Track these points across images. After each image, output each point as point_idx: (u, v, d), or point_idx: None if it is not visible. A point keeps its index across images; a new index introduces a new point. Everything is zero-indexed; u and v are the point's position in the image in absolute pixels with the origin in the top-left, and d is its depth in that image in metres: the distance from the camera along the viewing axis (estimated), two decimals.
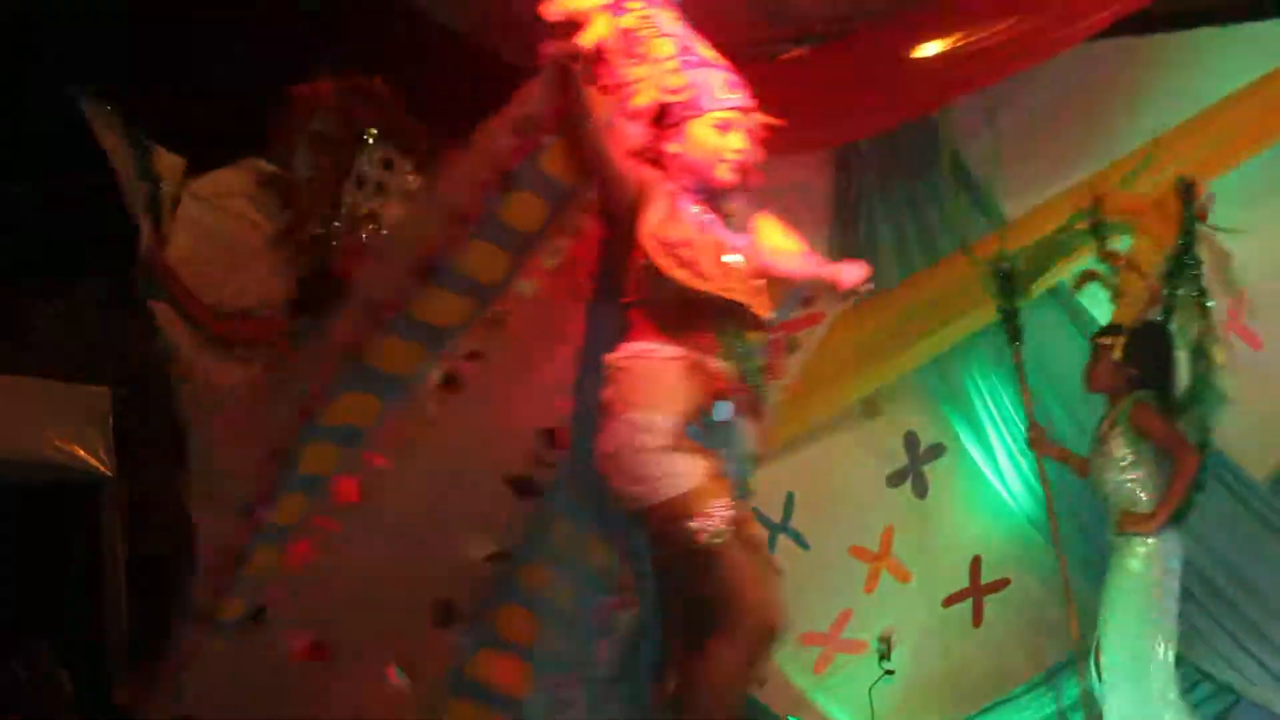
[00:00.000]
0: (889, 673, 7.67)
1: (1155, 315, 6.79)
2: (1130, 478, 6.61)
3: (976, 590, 7.79)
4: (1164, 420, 6.64)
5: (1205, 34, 7.55)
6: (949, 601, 7.81)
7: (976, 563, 7.79)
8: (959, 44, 7.23)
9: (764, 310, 4.61)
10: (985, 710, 7.51)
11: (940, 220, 7.84)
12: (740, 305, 4.53)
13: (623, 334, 4.57)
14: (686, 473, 4.37)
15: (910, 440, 7.91)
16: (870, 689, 7.66)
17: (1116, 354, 6.70)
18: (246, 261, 6.13)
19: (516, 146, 4.62)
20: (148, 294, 5.91)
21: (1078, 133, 7.58)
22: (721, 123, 4.59)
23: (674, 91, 4.59)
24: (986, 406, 7.69)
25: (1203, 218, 6.67)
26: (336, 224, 5.93)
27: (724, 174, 4.61)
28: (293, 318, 6.00)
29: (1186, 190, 6.74)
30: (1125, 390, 6.70)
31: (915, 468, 7.89)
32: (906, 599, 7.85)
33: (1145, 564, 6.53)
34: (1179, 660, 6.85)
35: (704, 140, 4.58)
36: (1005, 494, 7.67)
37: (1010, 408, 7.59)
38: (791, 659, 7.77)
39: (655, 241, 4.44)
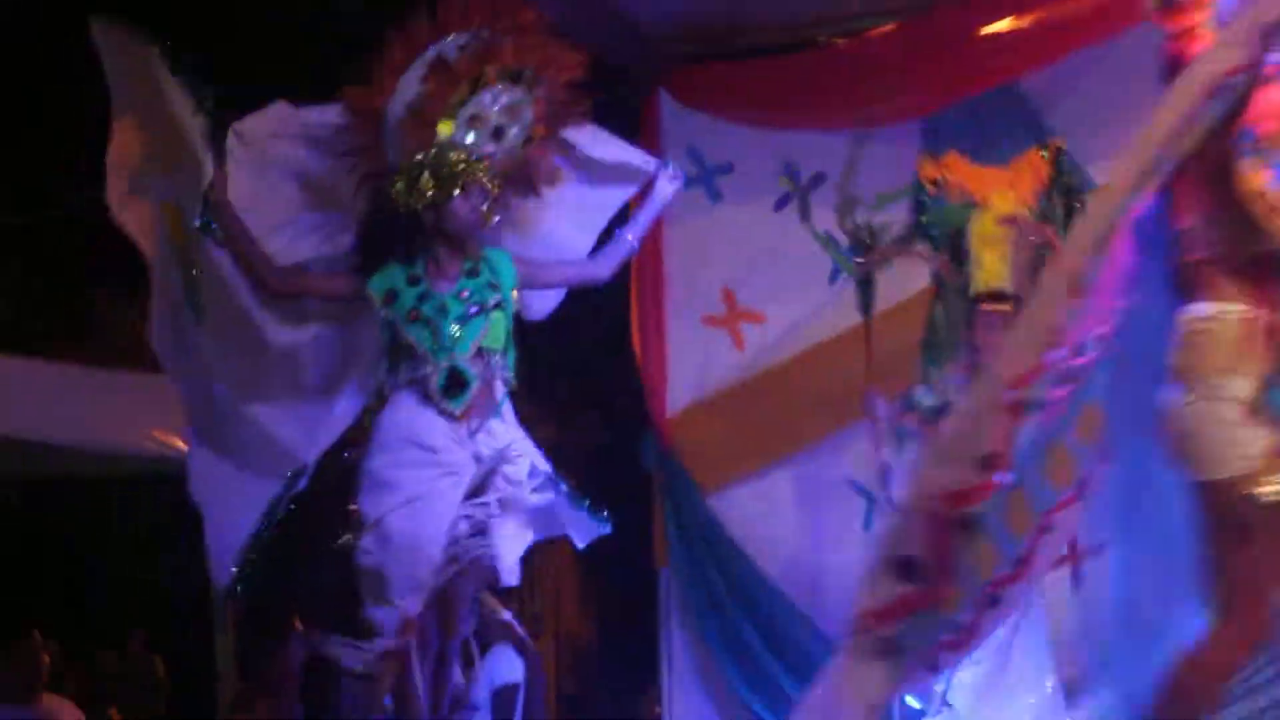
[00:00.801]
0: None
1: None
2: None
3: (1074, 557, 7.82)
4: None
5: None
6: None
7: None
8: (1044, 14, 7.30)
9: None
10: None
11: None
12: None
13: (1184, 294, 4.32)
14: (1257, 448, 4.13)
15: None
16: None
17: (1003, 324, 6.69)
18: (295, 211, 5.83)
19: None
20: (209, 234, 5.52)
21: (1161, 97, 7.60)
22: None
23: None
24: None
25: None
26: (453, 161, 5.52)
27: None
28: (360, 269, 5.73)
29: (1056, 154, 6.80)
30: None
31: None
32: None
33: None
34: None
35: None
36: None
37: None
38: None
39: (1263, 198, 4.15)
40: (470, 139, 5.57)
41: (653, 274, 8.17)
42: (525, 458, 5.66)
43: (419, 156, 5.50)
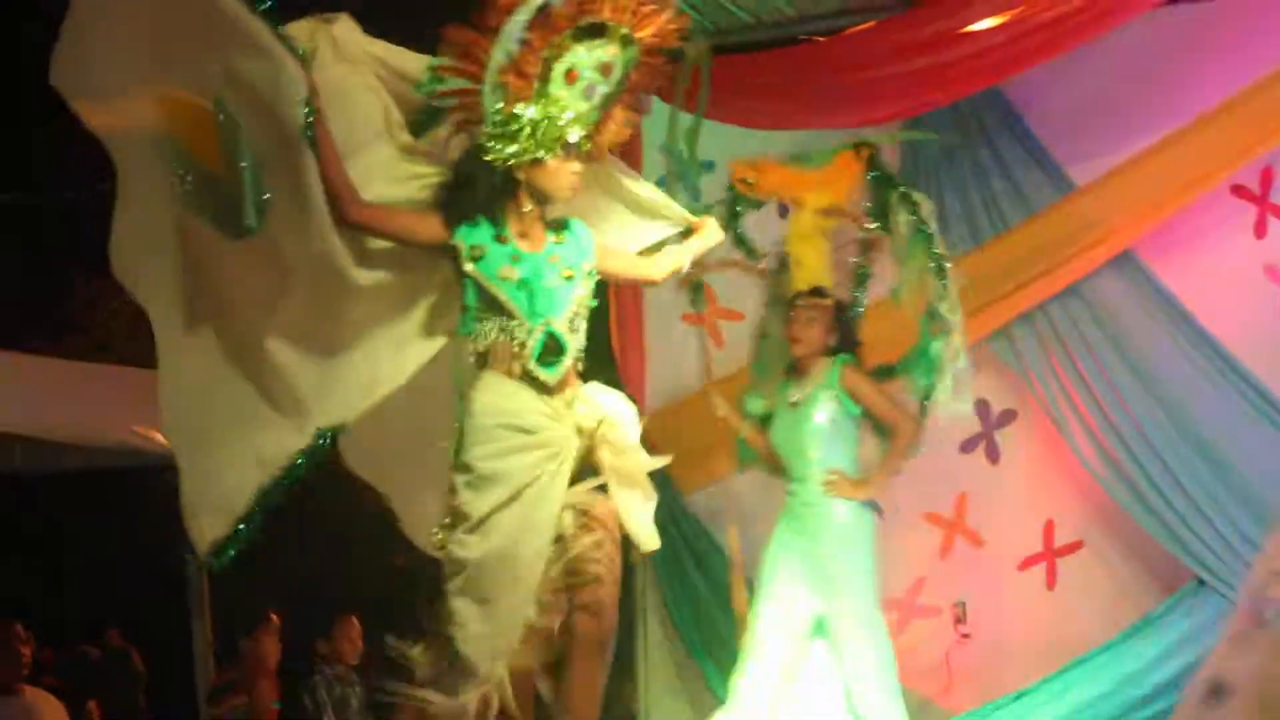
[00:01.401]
0: (965, 636, 7.80)
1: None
2: (838, 444, 6.64)
3: (1050, 554, 7.87)
4: (875, 384, 6.68)
5: None
6: (1023, 565, 7.89)
7: (1050, 526, 7.87)
8: (1027, 15, 7.32)
9: None
10: (1061, 672, 7.55)
11: (1008, 190, 7.90)
12: None
13: None
14: None
15: (982, 407, 7.97)
16: (947, 653, 7.82)
17: (821, 316, 6.70)
18: (370, 142, 5.22)
19: None
20: (310, 143, 4.90)
21: (1145, 99, 7.64)
22: None
23: None
24: (1056, 372, 7.75)
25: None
26: (554, 118, 5.11)
27: None
28: (451, 217, 5.16)
29: (866, 150, 6.80)
30: (823, 354, 6.71)
31: (988, 433, 7.96)
32: (981, 564, 7.95)
33: (855, 528, 6.60)
34: None
35: None
36: (1077, 457, 7.73)
37: (1080, 372, 7.69)
38: None
39: None
40: (565, 94, 5.16)
41: None
42: (629, 420, 5.26)
43: (518, 110, 5.11)
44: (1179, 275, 7.63)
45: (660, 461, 5.31)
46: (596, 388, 5.26)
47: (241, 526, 5.19)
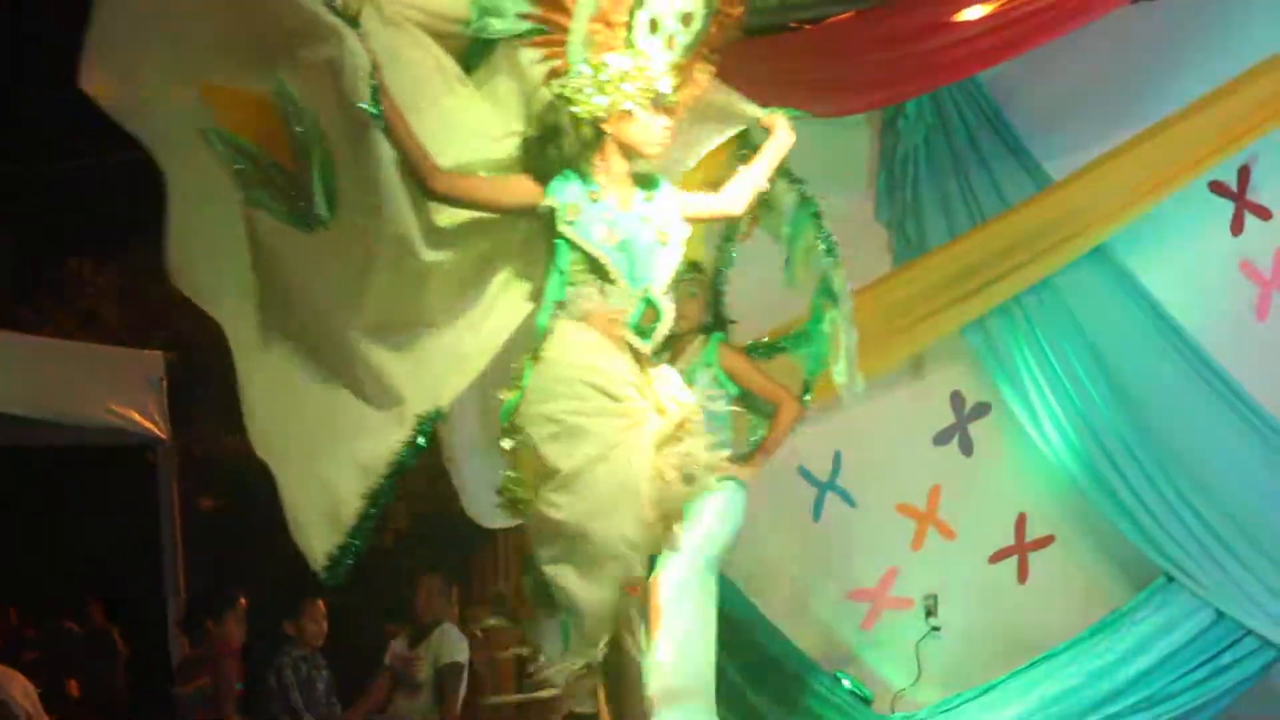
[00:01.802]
0: (935, 629, 7.80)
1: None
2: (714, 424, 6.38)
3: (1022, 547, 7.87)
4: (753, 362, 6.47)
5: None
6: (995, 558, 7.89)
7: (1022, 520, 7.87)
8: (1008, 5, 7.29)
9: None
10: (1031, 665, 7.56)
11: (985, 182, 7.85)
12: None
13: None
14: None
15: (956, 399, 7.97)
16: (917, 645, 7.83)
17: (701, 292, 6.42)
18: (431, 104, 4.95)
19: None
20: (379, 125, 4.64)
21: (1122, 93, 7.62)
22: None
23: None
24: (1030, 366, 7.73)
25: None
26: (642, 68, 4.87)
27: None
28: (541, 176, 4.94)
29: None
30: (699, 331, 6.45)
31: (961, 426, 7.95)
32: (953, 556, 7.94)
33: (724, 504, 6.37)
34: (1221, 616, 7.04)
35: None
36: (1049, 452, 7.71)
37: (1055, 367, 7.67)
38: (840, 615, 7.94)
39: None
40: (650, 44, 4.91)
41: None
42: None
43: (607, 59, 4.89)
44: (1155, 271, 7.62)
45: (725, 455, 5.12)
46: (672, 373, 5.08)
47: (355, 538, 4.90)
